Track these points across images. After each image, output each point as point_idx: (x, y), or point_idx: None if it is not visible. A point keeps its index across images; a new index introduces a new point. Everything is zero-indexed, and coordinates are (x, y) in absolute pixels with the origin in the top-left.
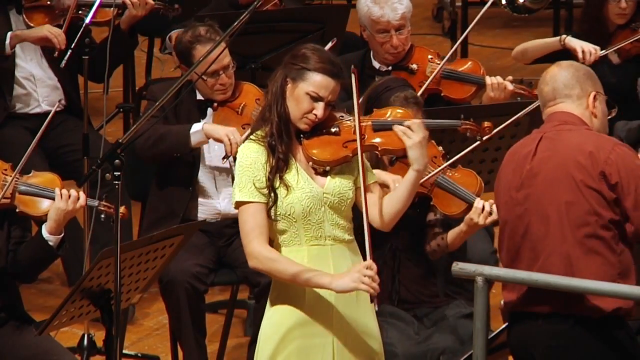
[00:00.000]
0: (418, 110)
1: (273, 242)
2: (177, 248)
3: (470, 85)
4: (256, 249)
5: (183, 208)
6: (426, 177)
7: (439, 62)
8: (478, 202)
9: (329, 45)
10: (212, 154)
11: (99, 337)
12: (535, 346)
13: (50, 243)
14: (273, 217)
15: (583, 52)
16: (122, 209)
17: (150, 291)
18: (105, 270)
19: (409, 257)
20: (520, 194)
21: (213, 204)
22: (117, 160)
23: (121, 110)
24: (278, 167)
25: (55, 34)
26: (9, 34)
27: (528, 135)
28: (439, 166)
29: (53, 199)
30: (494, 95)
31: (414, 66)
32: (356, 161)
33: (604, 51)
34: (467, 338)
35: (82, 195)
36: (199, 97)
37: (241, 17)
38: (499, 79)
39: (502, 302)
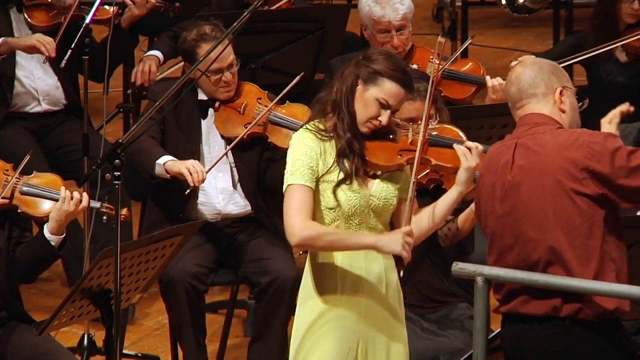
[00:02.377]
0: (430, 104)
1: None
2: (177, 248)
3: (470, 86)
4: (298, 221)
5: (183, 208)
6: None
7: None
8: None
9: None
10: (212, 154)
11: (99, 337)
12: (529, 350)
13: (52, 243)
14: (320, 208)
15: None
16: (124, 211)
17: (150, 291)
18: (105, 270)
19: (419, 248)
20: (505, 205)
21: (213, 204)
22: (117, 160)
23: (121, 110)
24: (354, 165)
25: (44, 42)
26: (0, 39)
27: (501, 142)
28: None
29: (55, 200)
30: (495, 97)
31: (415, 66)
32: (406, 171)
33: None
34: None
35: (85, 196)
36: (201, 97)
37: (241, 17)
38: (499, 80)
39: None
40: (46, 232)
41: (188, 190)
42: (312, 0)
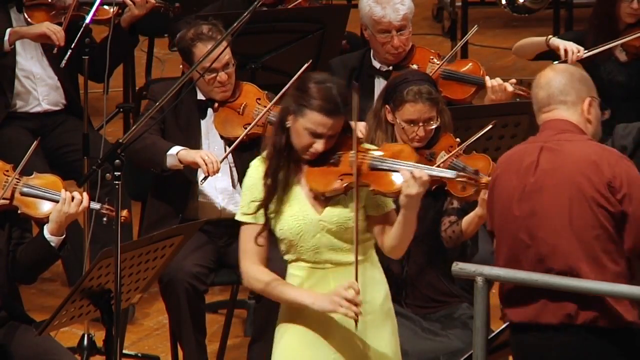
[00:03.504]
0: (432, 106)
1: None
2: (177, 248)
3: (469, 86)
4: (245, 268)
5: (183, 208)
6: (442, 161)
7: (439, 62)
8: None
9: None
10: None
11: (99, 337)
12: (545, 359)
13: (52, 244)
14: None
15: (565, 50)
16: (124, 213)
17: (150, 291)
18: (105, 270)
19: (420, 248)
20: (524, 207)
21: (213, 204)
22: (117, 160)
23: (121, 110)
24: (275, 190)
25: (54, 30)
26: (8, 30)
27: (525, 143)
28: (454, 154)
29: (56, 201)
30: (495, 97)
31: (415, 66)
32: (354, 193)
33: (592, 51)
34: None
35: (85, 197)
36: (200, 97)
37: (241, 17)
38: (499, 80)
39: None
40: (46, 233)
41: (201, 179)
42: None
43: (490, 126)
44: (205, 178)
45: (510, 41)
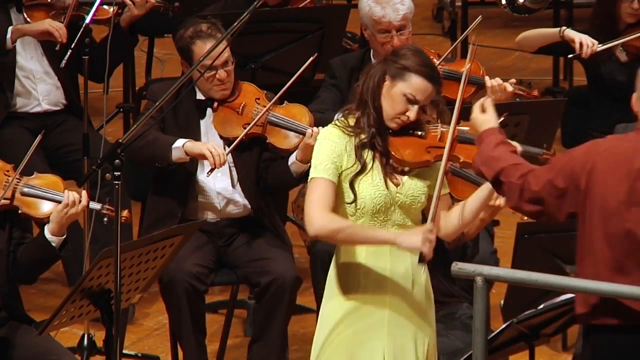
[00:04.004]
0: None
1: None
2: (177, 248)
3: (469, 86)
4: (316, 212)
5: (182, 208)
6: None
7: (438, 62)
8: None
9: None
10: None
11: (99, 337)
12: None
13: (53, 244)
14: (344, 204)
15: (581, 44)
16: (125, 213)
17: (150, 291)
18: (105, 270)
19: None
20: (632, 211)
21: (213, 204)
22: (117, 160)
23: (121, 110)
24: (375, 159)
25: (56, 27)
26: (10, 28)
27: (631, 140)
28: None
29: (56, 201)
30: (494, 97)
31: None
32: (435, 168)
33: (605, 45)
34: None
35: (84, 196)
36: (199, 96)
37: (241, 17)
38: (498, 80)
39: (502, 302)
40: (47, 233)
41: (207, 171)
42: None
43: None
44: (211, 170)
45: (510, 41)
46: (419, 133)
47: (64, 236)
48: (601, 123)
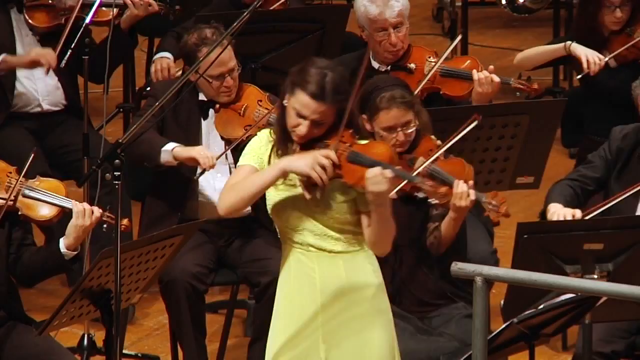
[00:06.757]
0: (407, 110)
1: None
2: (177, 248)
3: (469, 83)
4: (221, 193)
5: (182, 206)
6: (421, 167)
7: (436, 61)
8: (456, 186)
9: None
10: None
11: (99, 337)
12: None
13: (66, 257)
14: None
15: (588, 62)
16: (125, 222)
17: (150, 291)
18: (105, 270)
19: (411, 252)
20: None
21: (213, 204)
22: (117, 160)
23: (121, 110)
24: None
25: (42, 54)
26: (1, 56)
27: None
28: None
29: (58, 205)
30: (482, 90)
31: (412, 65)
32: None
33: (605, 59)
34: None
35: (95, 208)
36: (202, 97)
37: (241, 17)
38: (485, 73)
39: (502, 302)
40: (62, 247)
41: (198, 173)
42: (310, 0)
43: (473, 124)
44: (202, 172)
45: (510, 41)
46: (317, 147)
47: (77, 251)
48: (597, 127)
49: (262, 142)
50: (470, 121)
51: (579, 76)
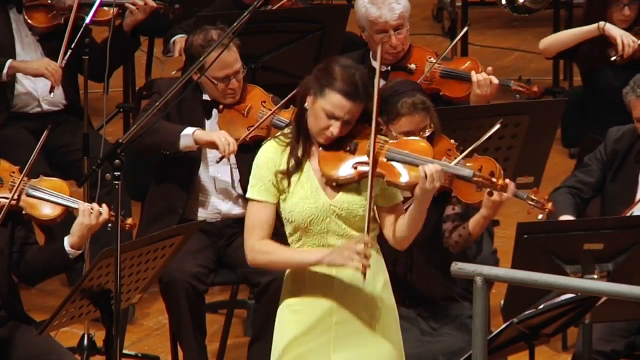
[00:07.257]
0: (426, 115)
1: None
2: (177, 248)
3: (468, 84)
4: (251, 243)
5: (182, 205)
6: (456, 161)
7: (436, 61)
8: None
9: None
10: (214, 153)
11: (99, 337)
12: None
13: (70, 256)
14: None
15: (623, 43)
16: (130, 221)
17: (150, 291)
18: (105, 270)
19: (423, 252)
20: None
21: (213, 204)
22: (117, 160)
23: (121, 110)
24: (288, 170)
25: (52, 71)
26: (8, 62)
27: None
28: (455, 158)
29: (61, 204)
30: (480, 91)
31: (413, 66)
32: (367, 182)
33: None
34: None
35: (104, 208)
36: (205, 97)
37: (241, 17)
38: (484, 75)
39: (502, 302)
40: (66, 246)
41: (218, 159)
42: (312, 0)
43: (497, 126)
44: (221, 158)
45: (510, 41)
46: (349, 148)
47: (81, 250)
48: (598, 126)
49: (267, 159)
50: (495, 123)
51: (613, 58)
